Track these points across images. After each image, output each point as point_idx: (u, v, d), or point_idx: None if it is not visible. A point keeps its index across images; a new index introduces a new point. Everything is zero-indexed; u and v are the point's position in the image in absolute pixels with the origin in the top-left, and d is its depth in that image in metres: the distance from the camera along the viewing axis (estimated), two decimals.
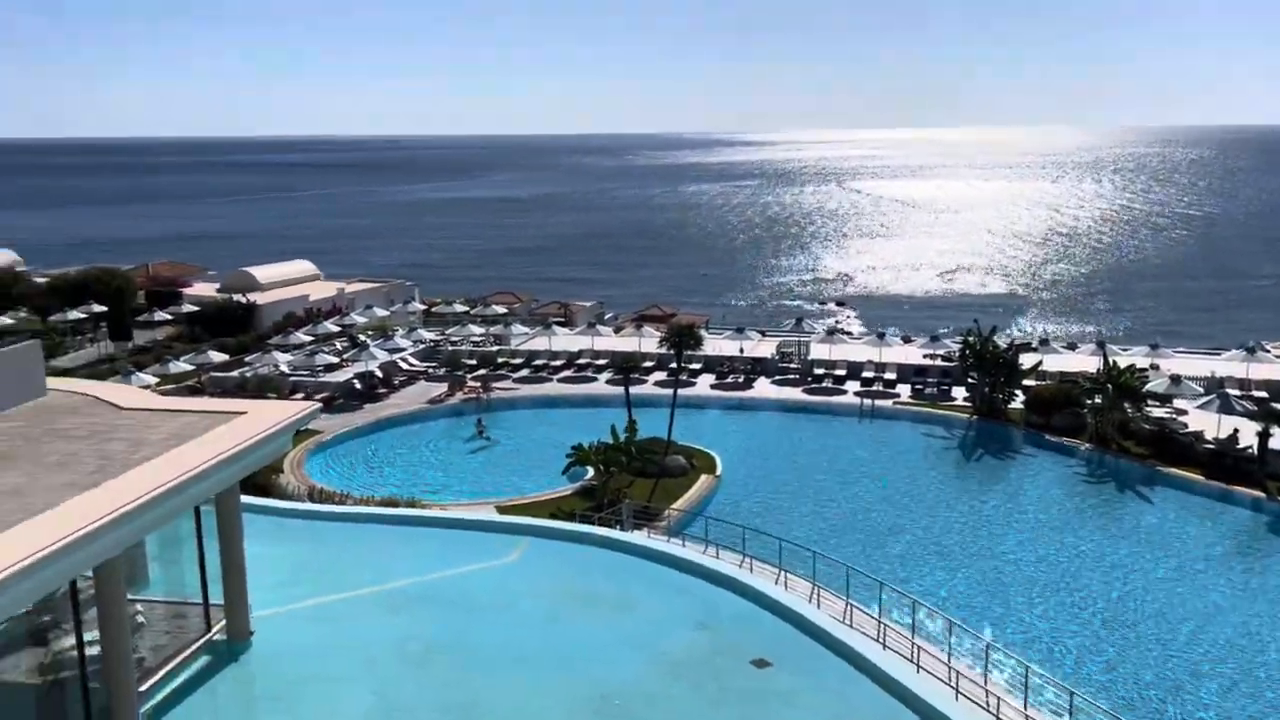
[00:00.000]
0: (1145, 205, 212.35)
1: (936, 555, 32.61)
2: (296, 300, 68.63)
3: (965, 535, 34.25)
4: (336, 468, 40.98)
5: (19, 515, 12.39)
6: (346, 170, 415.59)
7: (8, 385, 17.21)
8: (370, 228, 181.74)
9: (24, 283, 70.21)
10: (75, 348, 60.28)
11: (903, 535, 34.12)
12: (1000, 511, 36.70)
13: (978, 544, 33.56)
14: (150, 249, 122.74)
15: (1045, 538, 33.90)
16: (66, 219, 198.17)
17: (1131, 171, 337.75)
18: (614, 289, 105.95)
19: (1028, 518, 36.01)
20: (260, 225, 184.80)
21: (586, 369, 56.34)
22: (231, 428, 16.44)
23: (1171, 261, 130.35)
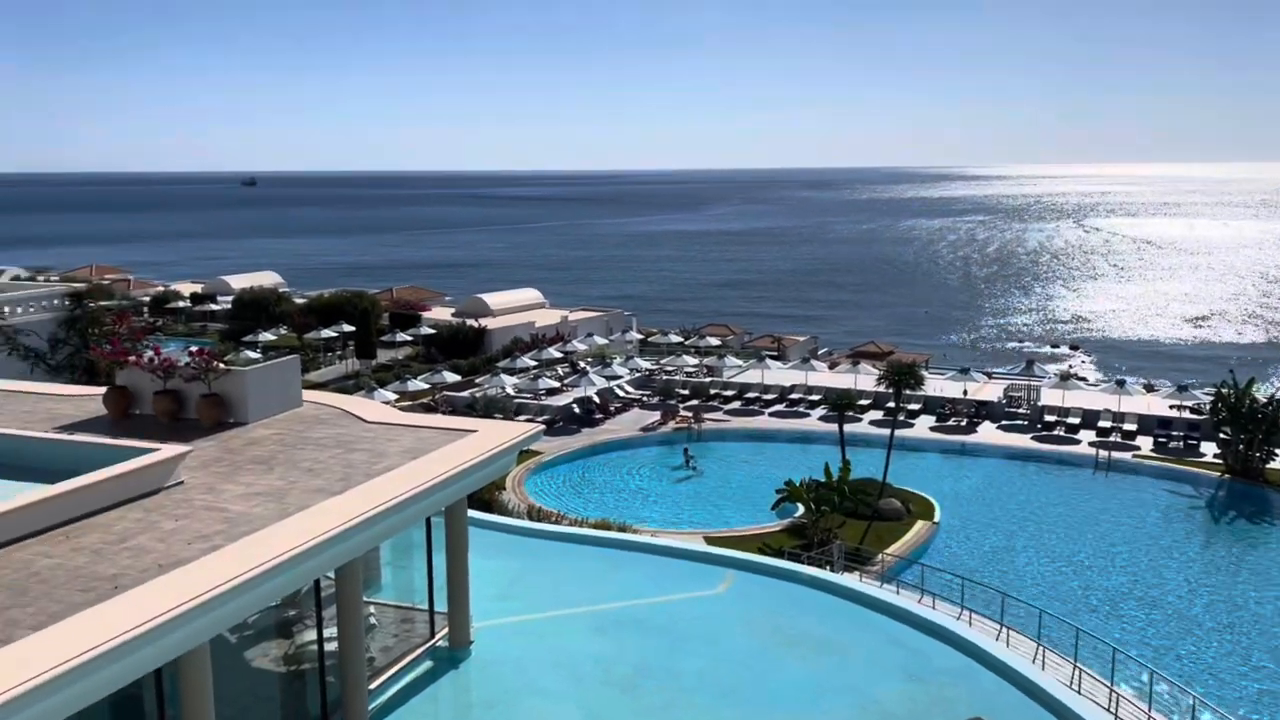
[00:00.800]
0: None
1: (1178, 624, 29.94)
2: (523, 326, 71.74)
3: (1214, 605, 31.27)
4: (553, 488, 42.38)
5: (277, 515, 13.53)
6: (573, 204, 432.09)
7: (271, 396, 18.89)
8: (593, 259, 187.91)
9: (286, 303, 77.09)
10: (326, 363, 65.54)
11: (1140, 600, 31.57)
12: (1256, 582, 33.28)
13: (1229, 616, 30.57)
14: (396, 274, 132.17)
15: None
16: (324, 245, 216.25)
17: None
18: (829, 324, 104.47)
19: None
20: (494, 255, 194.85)
21: (799, 404, 55.73)
22: (463, 445, 17.30)
23: None
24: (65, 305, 39.27)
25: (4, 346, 34.34)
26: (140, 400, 18.77)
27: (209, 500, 14.14)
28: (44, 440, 16.26)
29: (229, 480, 15.10)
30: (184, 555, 12.05)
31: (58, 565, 11.77)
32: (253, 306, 76.00)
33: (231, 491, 14.55)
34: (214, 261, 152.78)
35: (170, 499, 14.20)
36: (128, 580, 11.30)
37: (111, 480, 13.83)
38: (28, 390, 21.64)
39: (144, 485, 14.26)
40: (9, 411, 19.29)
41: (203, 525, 13.13)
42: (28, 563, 11.84)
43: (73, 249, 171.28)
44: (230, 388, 18.30)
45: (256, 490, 14.60)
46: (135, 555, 12.07)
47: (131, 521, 13.25)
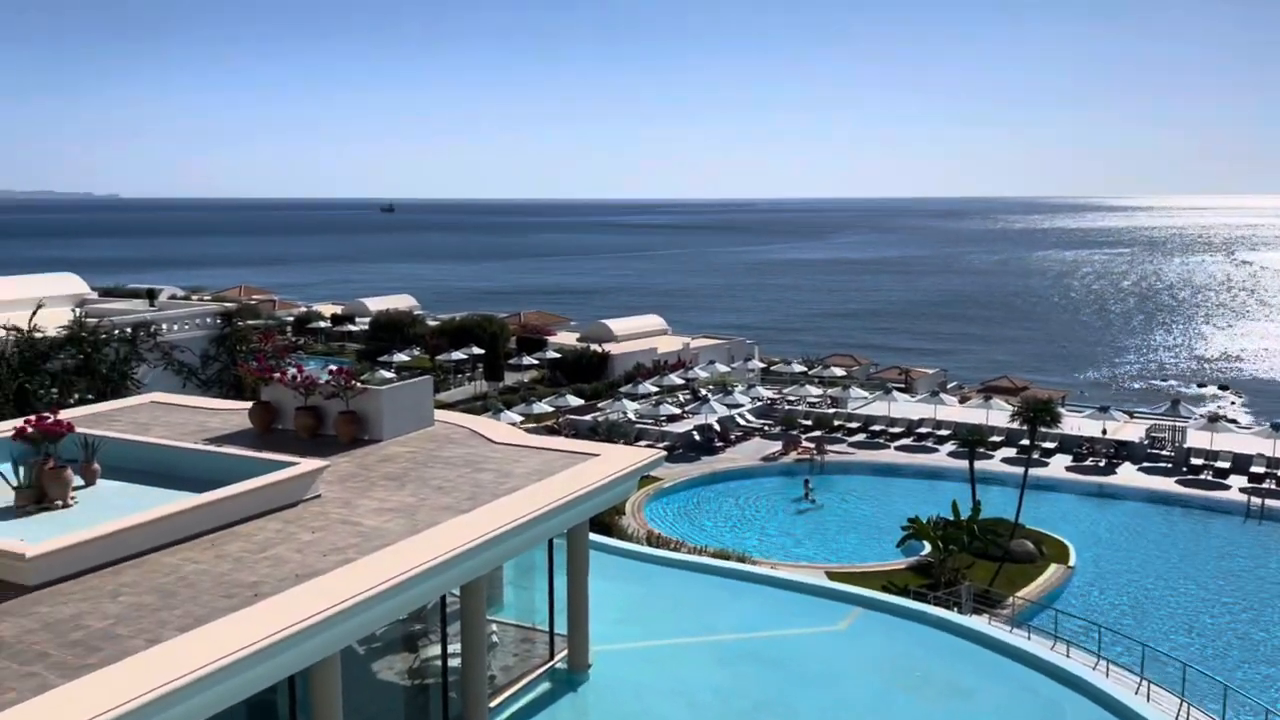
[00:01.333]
0: None
1: None
2: (645, 352, 72.20)
3: None
4: (672, 515, 42.35)
5: (407, 531, 13.90)
6: (700, 231, 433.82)
7: (405, 414, 19.47)
8: (716, 286, 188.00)
9: (419, 325, 79.67)
10: (456, 384, 67.30)
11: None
12: None
13: None
14: (524, 299, 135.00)
15: None
16: (456, 270, 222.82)
17: None
18: (958, 357, 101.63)
19: None
20: (619, 281, 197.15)
21: (927, 439, 54.32)
22: (586, 468, 17.45)
23: None
24: (216, 324, 41.47)
25: (160, 361, 36.42)
26: (282, 415, 19.59)
27: (344, 514, 14.62)
28: (193, 451, 17.12)
29: (363, 495, 15.59)
30: (320, 566, 12.48)
31: (203, 571, 12.34)
32: (388, 328, 78.83)
33: (365, 506, 15.02)
34: (353, 284, 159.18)
35: (308, 511, 14.75)
36: (267, 588, 11.76)
37: (254, 492, 14.45)
38: (181, 403, 22.87)
39: (284, 497, 14.86)
40: (164, 423, 20.41)
41: (338, 538, 13.58)
42: (176, 567, 12.46)
43: (224, 270, 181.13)
44: (367, 406, 18.93)
45: (389, 506, 15.03)
46: (274, 564, 12.56)
47: (272, 532, 13.81)
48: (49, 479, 14.61)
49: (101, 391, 32.05)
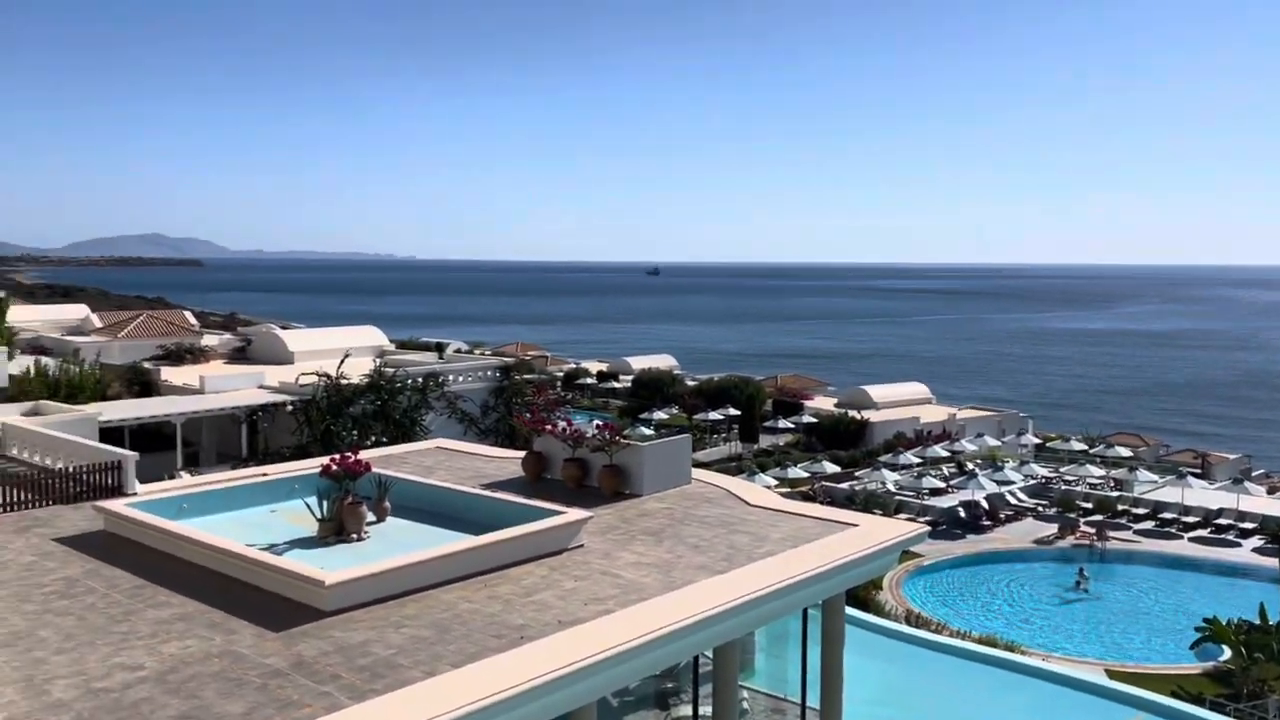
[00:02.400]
0: None
1: None
2: (907, 421, 69.88)
3: None
4: (933, 594, 40.35)
5: (664, 587, 14.07)
6: (965, 297, 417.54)
7: (665, 471, 19.85)
8: (985, 355, 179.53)
9: (678, 384, 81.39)
10: (711, 444, 67.95)
11: None
12: None
13: None
14: (781, 362, 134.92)
15: None
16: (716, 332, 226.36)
17: None
18: (1266, 444, 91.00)
19: None
20: (879, 346, 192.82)
21: (1227, 531, 48.85)
22: (844, 537, 17.01)
23: None
24: (495, 377, 44.29)
25: (445, 410, 39.31)
26: (551, 465, 20.52)
27: (605, 565, 15.03)
28: (472, 495, 18.25)
29: (623, 548, 15.97)
30: (581, 615, 12.86)
31: (476, 610, 13.04)
32: (649, 386, 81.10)
33: (624, 559, 15.37)
34: (618, 343, 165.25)
35: (572, 560, 15.29)
36: (533, 631, 12.25)
37: (525, 537, 15.18)
38: (462, 449, 24.53)
39: (551, 545, 15.50)
40: (446, 467, 21.93)
41: (598, 588, 13.96)
42: (452, 604, 13.24)
43: (502, 327, 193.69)
44: (629, 461, 19.47)
45: (647, 560, 15.30)
46: (539, 609, 13.08)
47: (538, 577, 14.41)
48: (348, 513, 16.04)
49: (394, 435, 35.01)
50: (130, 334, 55.93)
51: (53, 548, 15.75)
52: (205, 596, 13.37)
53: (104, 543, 15.98)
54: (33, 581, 14.05)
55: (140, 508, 16.57)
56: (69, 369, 40.89)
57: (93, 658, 11.38)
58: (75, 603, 13.22)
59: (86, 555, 15.29)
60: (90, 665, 11.17)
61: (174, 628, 12.32)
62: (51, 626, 12.34)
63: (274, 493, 18.67)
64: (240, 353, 54.16)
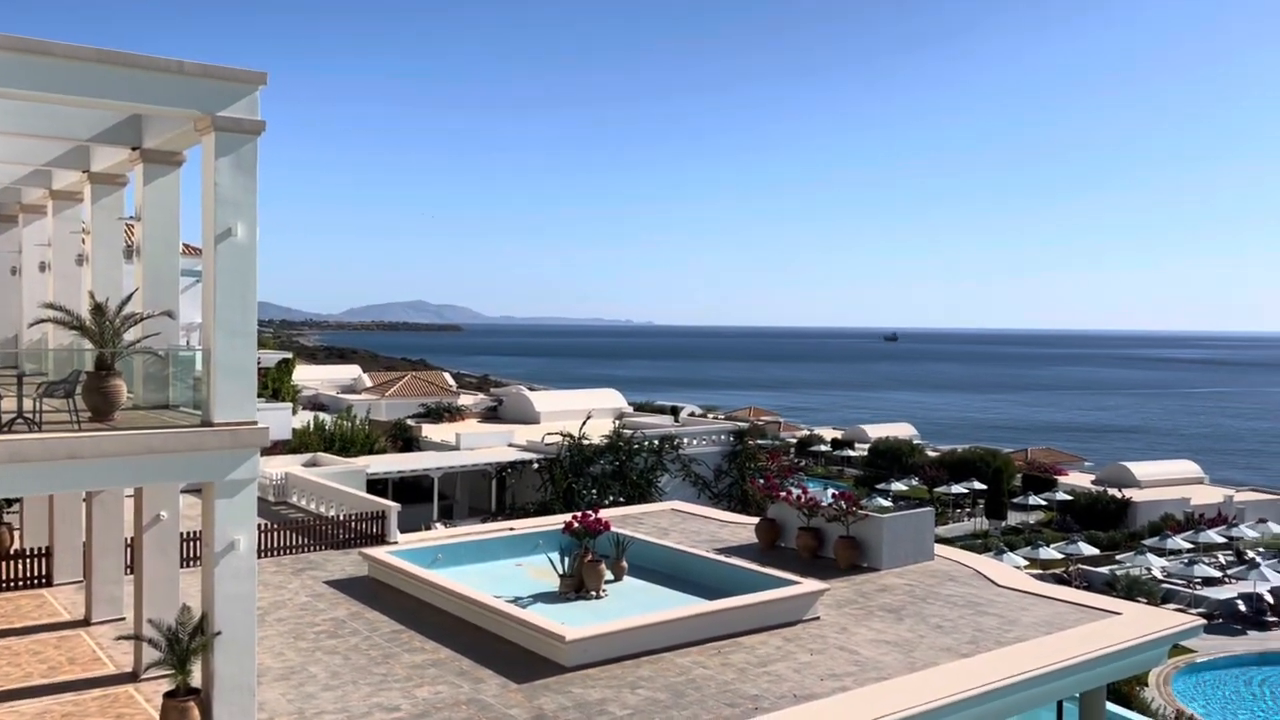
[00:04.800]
0: None
1: None
2: (1176, 502, 63.99)
3: None
4: (1208, 695, 36.32)
5: (904, 667, 13.48)
6: (1247, 368, 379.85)
7: (905, 545, 19.15)
8: (1271, 432, 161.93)
9: (918, 454, 78.48)
10: (954, 519, 64.86)
11: None
12: None
13: None
14: (1032, 435, 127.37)
15: None
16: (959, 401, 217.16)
17: None
18: None
19: None
20: (1143, 420, 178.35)
21: None
22: (1104, 626, 15.73)
23: None
24: (729, 441, 44.43)
25: (680, 473, 39.76)
26: (785, 533, 20.28)
27: (841, 640, 14.61)
28: (706, 559, 18.31)
29: (860, 624, 15.47)
30: (816, 690, 12.54)
31: (710, 676, 13.00)
32: (887, 455, 78.68)
33: (862, 635, 14.88)
34: (853, 410, 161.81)
35: (807, 632, 14.97)
36: (766, 703, 12.05)
37: (760, 605, 15.03)
38: (695, 512, 24.70)
39: (786, 615, 15.25)
40: (680, 529, 22.14)
41: (834, 663, 13.57)
42: (686, 669, 13.26)
43: (735, 392, 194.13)
44: (867, 533, 18.94)
45: (885, 638, 14.74)
46: (773, 680, 12.86)
47: (772, 647, 14.19)
48: (588, 571, 16.50)
49: (631, 495, 35.77)
50: (396, 393, 60.66)
51: (324, 589, 17.13)
52: (456, 644, 14.10)
53: (368, 587, 17.23)
54: (306, 620, 15.32)
55: (401, 556, 17.77)
56: (343, 424, 44.71)
57: (355, 696, 12.22)
58: (341, 642, 14.29)
59: (353, 598, 16.53)
60: (353, 703, 12.01)
61: (426, 673, 13.05)
62: (321, 664, 13.39)
63: (520, 547, 19.50)
64: (492, 412, 57.33)
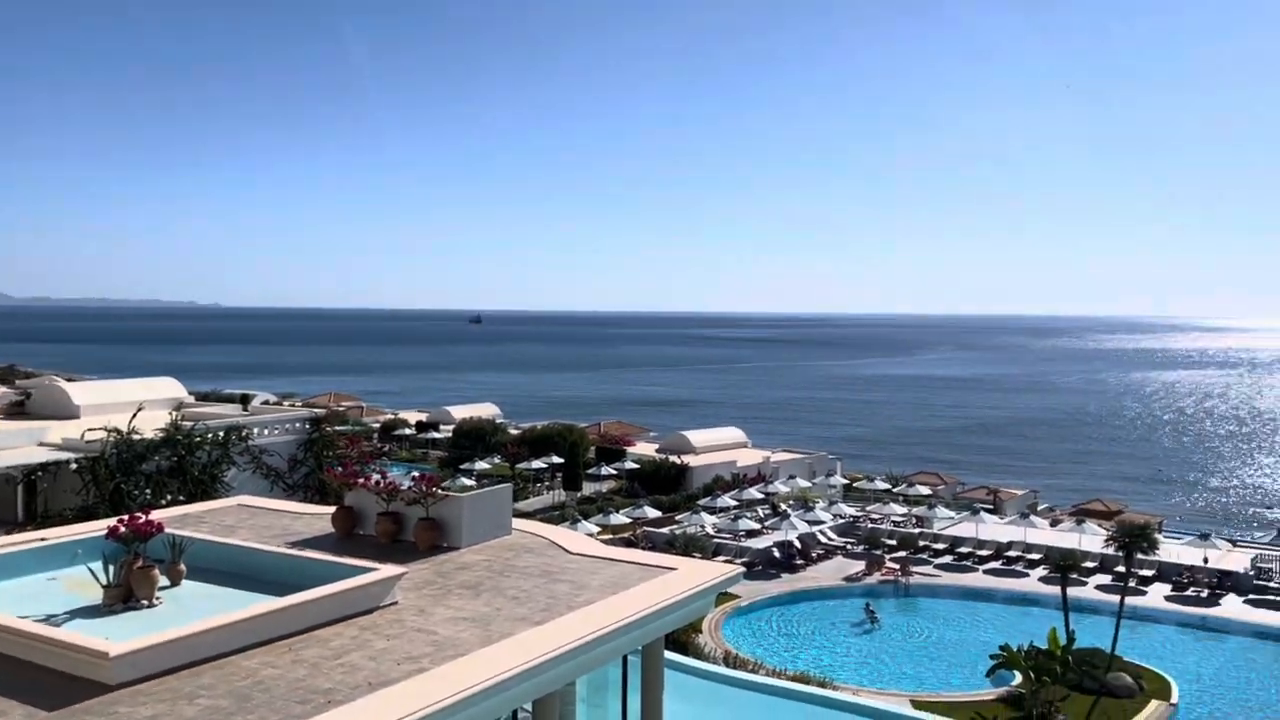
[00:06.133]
0: None
1: None
2: (725, 465, 71.62)
3: None
4: (750, 634, 41.22)
5: (481, 641, 13.78)
6: (784, 345, 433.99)
7: (484, 523, 19.53)
8: (799, 400, 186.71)
9: (501, 433, 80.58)
10: (535, 493, 67.47)
11: None
12: None
13: None
14: (604, 410, 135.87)
15: None
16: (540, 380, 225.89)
17: None
18: (1051, 478, 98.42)
19: None
20: (700, 394, 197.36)
21: (1016, 562, 52.29)
22: (663, 582, 17.17)
23: None
24: (304, 429, 42.51)
25: (249, 465, 37.37)
26: (364, 521, 19.83)
27: (419, 622, 14.59)
28: (275, 554, 17.38)
29: (439, 603, 15.56)
30: (392, 675, 12.41)
31: (279, 676, 12.37)
32: (471, 435, 79.88)
33: (440, 614, 14.97)
34: (438, 392, 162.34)
35: (384, 618, 14.76)
36: (340, 696, 11.71)
37: (332, 597, 14.55)
38: (267, 506, 23.35)
39: (362, 603, 14.92)
40: (249, 525, 20.82)
41: (412, 646, 13.52)
42: (253, 671, 12.51)
43: (319, 378, 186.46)
44: (447, 513, 19.06)
45: (464, 615, 14.96)
46: (348, 671, 12.54)
47: (348, 638, 13.82)
48: (136, 578, 14.95)
49: (193, 493, 32.96)
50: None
51: None
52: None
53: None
54: None
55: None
56: None
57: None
58: None
59: None
60: None
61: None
62: None
63: (54, 559, 17.21)
64: (18, 407, 49.86)
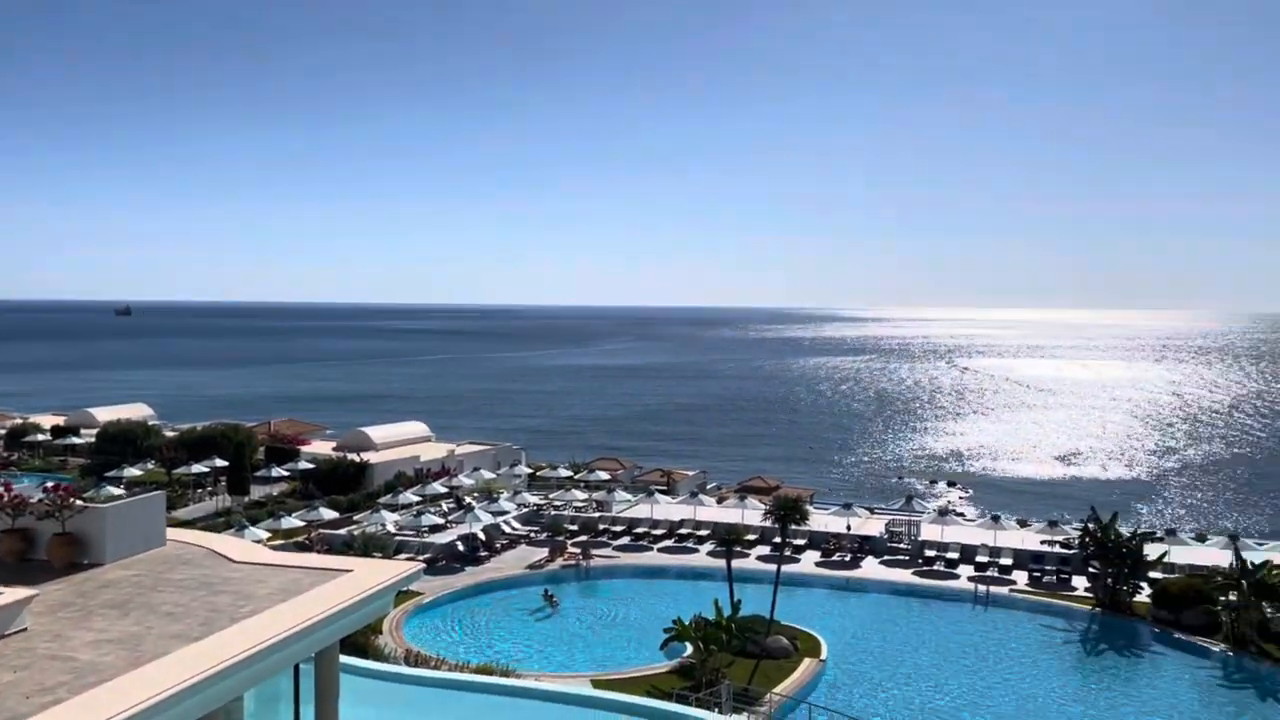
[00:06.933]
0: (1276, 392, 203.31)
1: None
2: (407, 460, 70.29)
3: None
4: (435, 631, 40.81)
5: (129, 664, 12.62)
6: (463, 337, 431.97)
7: (132, 535, 17.86)
8: (483, 392, 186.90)
9: (155, 436, 73.88)
10: (196, 500, 62.59)
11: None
12: (1124, 714, 33.97)
13: None
14: (275, 407, 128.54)
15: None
16: (200, 377, 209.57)
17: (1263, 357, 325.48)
18: (718, 459, 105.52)
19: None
20: (383, 387, 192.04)
21: (688, 539, 55.59)
22: (336, 585, 16.59)
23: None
24: None
25: None
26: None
27: (54, 649, 13.12)
28: None
29: (78, 626, 14.07)
30: (21, 710, 11.08)
31: None
32: (119, 440, 72.57)
33: (80, 638, 13.54)
34: (80, 393, 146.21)
35: (10, 647, 13.13)
36: None
37: None
38: None
39: None
40: None
41: (45, 676, 12.14)
42: None
43: None
44: (87, 526, 17.25)
45: (108, 637, 13.63)
46: None
47: None
48: None
49: None
50: None
51: None
52: None
53: None
54: None
55: None
56: None
57: None
58: None
59: None
60: None
61: None
62: None
63: None
64: None
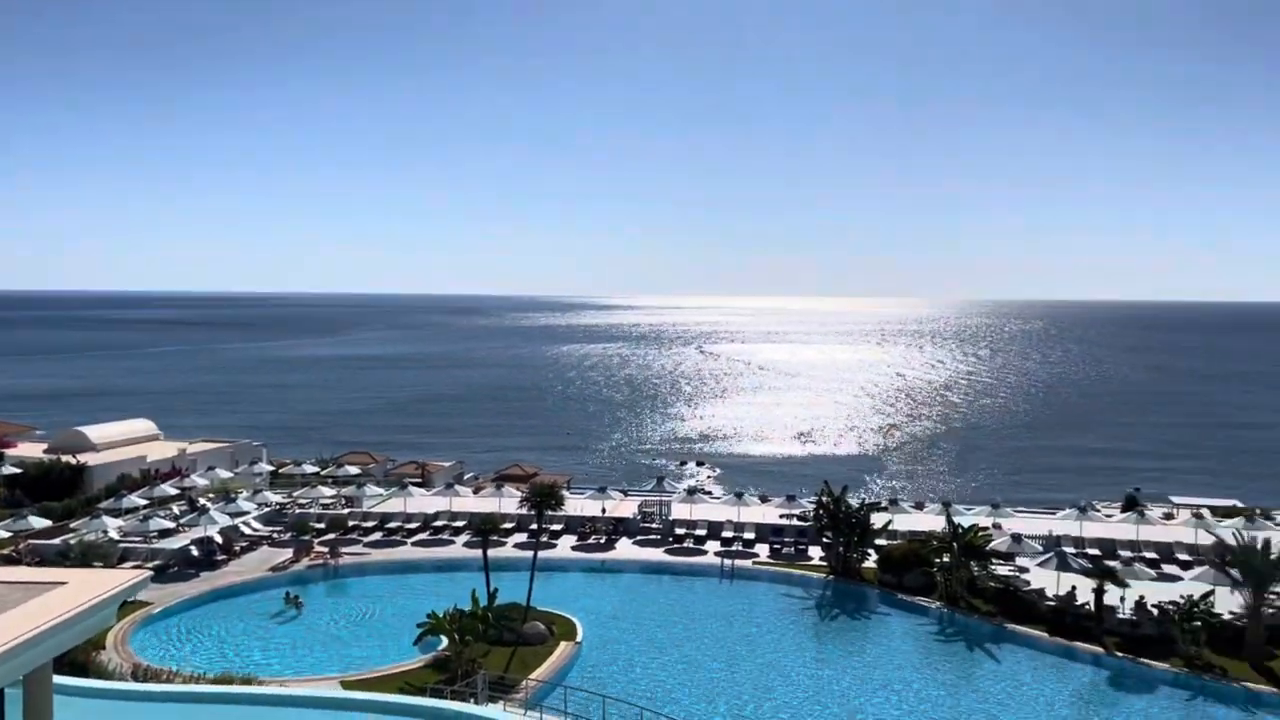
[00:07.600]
0: (984, 371, 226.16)
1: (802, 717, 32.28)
2: (133, 461, 65.10)
3: (826, 696, 34.10)
4: (167, 642, 38.03)
5: None
6: (198, 327, 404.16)
7: None
8: (219, 385, 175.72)
9: None
10: None
11: (769, 698, 33.69)
12: (856, 671, 36.79)
13: (843, 705, 33.42)
14: None
15: (901, 698, 34.08)
16: None
17: (970, 340, 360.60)
18: (474, 449, 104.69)
19: (883, 676, 36.15)
20: (104, 382, 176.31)
21: (444, 531, 54.83)
22: (47, 600, 15.15)
23: (1009, 424, 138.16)
24: None
25: None
26: None
27: None
28: None
29: None
30: None
31: None
32: None
33: None
34: None
35: None
36: None
37: None
38: None
39: None
40: None
41: None
42: None
43: None
44: None
45: None
46: None
47: None
48: None
49: None
50: None
51: None
52: None
53: None
54: None
55: None
56: None
57: None
58: None
59: None
60: None
61: None
62: None
63: None
64: None
